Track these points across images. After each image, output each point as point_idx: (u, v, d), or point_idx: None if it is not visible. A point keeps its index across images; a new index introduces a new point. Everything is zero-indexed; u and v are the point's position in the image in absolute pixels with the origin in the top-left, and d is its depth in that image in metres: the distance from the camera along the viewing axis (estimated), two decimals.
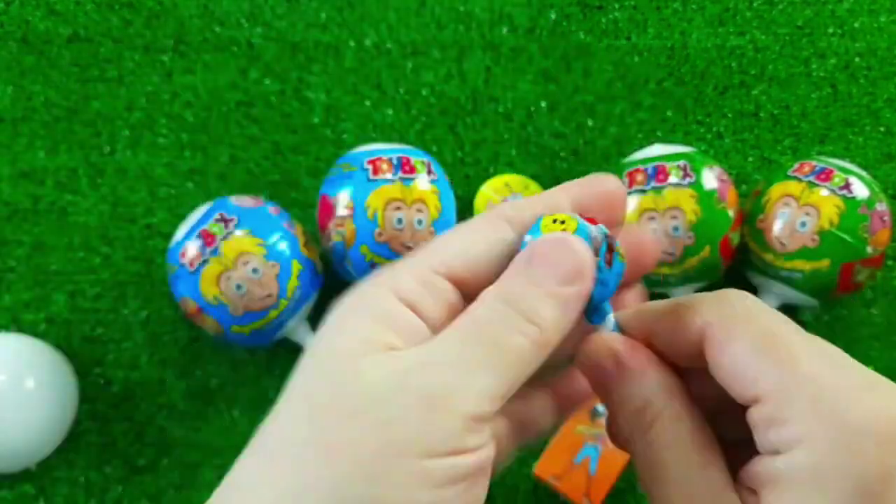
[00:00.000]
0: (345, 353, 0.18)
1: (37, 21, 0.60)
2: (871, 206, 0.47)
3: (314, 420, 0.17)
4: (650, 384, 0.20)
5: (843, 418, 0.17)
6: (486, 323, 0.19)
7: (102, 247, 0.54)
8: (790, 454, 0.17)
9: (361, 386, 0.17)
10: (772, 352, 0.18)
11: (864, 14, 0.61)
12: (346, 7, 0.61)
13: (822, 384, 0.17)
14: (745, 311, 0.19)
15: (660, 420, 0.19)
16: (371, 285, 0.20)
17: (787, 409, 0.17)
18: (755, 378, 0.18)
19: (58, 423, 0.48)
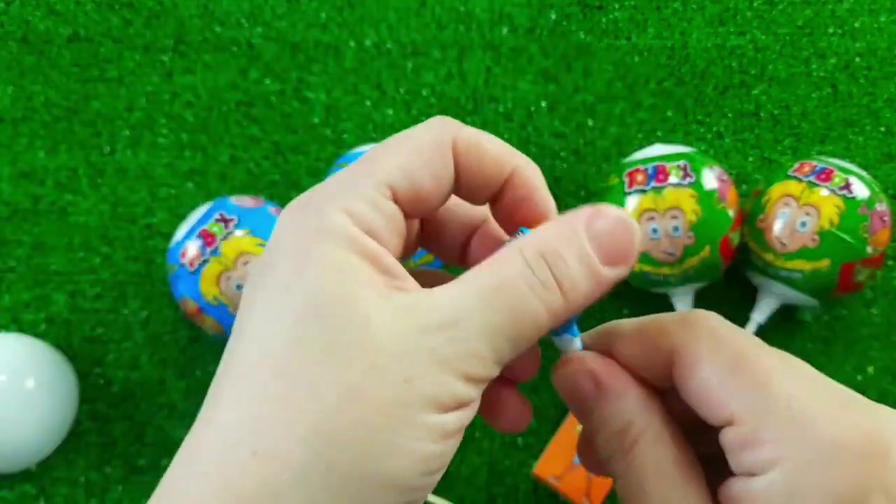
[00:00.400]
0: (348, 289, 0.17)
1: (37, 21, 0.60)
2: (871, 206, 0.47)
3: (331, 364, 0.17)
4: (631, 404, 0.20)
5: (818, 437, 0.17)
6: (513, 282, 0.18)
7: (102, 247, 0.54)
8: (765, 476, 0.17)
9: (378, 339, 0.17)
10: (742, 373, 0.18)
11: (864, 14, 0.62)
12: (346, 7, 0.61)
13: (794, 404, 0.17)
14: (712, 334, 0.19)
15: (641, 441, 0.19)
16: (322, 207, 0.19)
17: (761, 430, 0.17)
18: (726, 401, 0.18)
19: (58, 424, 0.48)
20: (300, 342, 0.17)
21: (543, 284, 0.18)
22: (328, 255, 0.18)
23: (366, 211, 0.18)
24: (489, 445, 0.50)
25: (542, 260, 0.18)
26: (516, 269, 0.18)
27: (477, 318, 0.17)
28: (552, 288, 0.18)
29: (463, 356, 0.17)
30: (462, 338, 0.17)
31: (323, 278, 0.17)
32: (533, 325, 0.18)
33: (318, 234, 0.18)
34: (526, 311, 0.18)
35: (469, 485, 0.50)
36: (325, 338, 0.17)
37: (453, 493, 0.49)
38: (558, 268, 0.18)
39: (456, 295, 0.18)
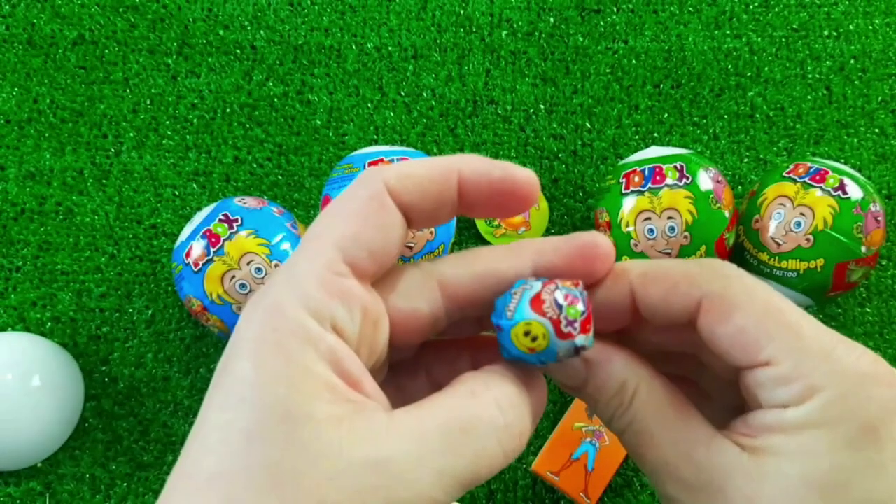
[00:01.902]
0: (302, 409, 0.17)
1: (42, 23, 0.60)
2: (865, 206, 0.47)
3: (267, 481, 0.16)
4: (620, 365, 0.21)
5: (850, 370, 0.18)
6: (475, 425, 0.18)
7: (108, 247, 0.55)
8: (802, 406, 0.18)
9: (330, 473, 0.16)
10: (775, 319, 0.19)
11: (858, 16, 0.62)
12: (347, 11, 0.62)
13: (825, 345, 0.19)
14: (743, 284, 0.20)
15: (638, 393, 0.20)
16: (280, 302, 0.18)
17: (798, 368, 0.18)
18: (764, 344, 0.19)
19: (64, 421, 0.49)
20: (249, 469, 0.16)
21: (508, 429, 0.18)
22: (285, 364, 0.17)
23: (321, 299, 0.18)
24: None
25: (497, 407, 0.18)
26: (486, 415, 0.18)
27: (435, 463, 0.17)
28: (517, 435, 0.18)
29: (412, 499, 0.17)
30: (418, 482, 0.17)
31: (278, 395, 0.17)
32: (488, 469, 0.18)
33: (276, 335, 0.17)
34: (486, 457, 0.18)
35: None
36: (275, 466, 0.16)
37: None
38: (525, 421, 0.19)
39: (418, 431, 0.17)
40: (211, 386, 0.18)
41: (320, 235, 0.19)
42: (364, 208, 0.19)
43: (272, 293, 0.18)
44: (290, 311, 0.18)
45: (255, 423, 0.17)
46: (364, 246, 0.19)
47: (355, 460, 0.16)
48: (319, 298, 0.18)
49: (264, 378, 0.17)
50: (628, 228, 0.48)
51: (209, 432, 0.17)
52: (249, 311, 0.18)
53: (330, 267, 0.18)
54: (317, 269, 0.18)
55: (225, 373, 0.18)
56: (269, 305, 0.18)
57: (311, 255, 0.19)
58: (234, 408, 0.17)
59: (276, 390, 0.17)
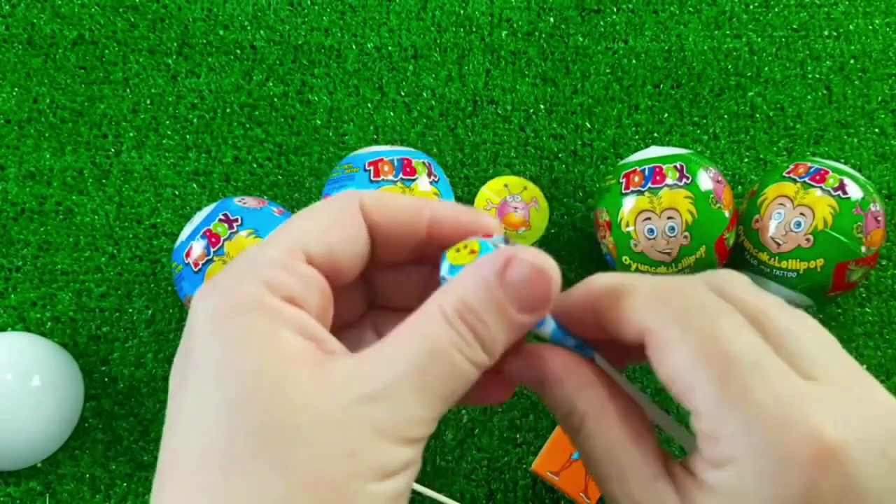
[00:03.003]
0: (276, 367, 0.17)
1: (42, 23, 0.60)
2: (865, 206, 0.47)
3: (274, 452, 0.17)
4: (570, 389, 0.21)
5: (773, 443, 0.17)
6: (442, 346, 0.18)
7: (108, 246, 0.55)
8: (721, 471, 0.18)
9: (317, 417, 0.17)
10: (708, 363, 0.18)
11: (858, 16, 0.62)
12: (347, 11, 0.62)
13: (756, 401, 0.17)
14: (683, 316, 0.19)
15: (587, 421, 0.20)
16: (235, 282, 0.19)
17: (721, 428, 0.17)
18: (692, 392, 0.18)
19: (64, 421, 0.49)
20: (239, 436, 0.17)
21: (468, 344, 0.18)
22: (250, 332, 0.18)
23: (280, 277, 0.18)
24: (488, 441, 0.51)
25: (462, 319, 0.18)
26: (444, 334, 0.18)
27: (412, 385, 0.18)
28: (476, 346, 0.19)
29: (402, 422, 0.18)
30: (400, 405, 0.18)
31: (248, 361, 0.17)
32: (463, 381, 0.19)
33: (237, 310, 0.18)
34: (456, 370, 0.18)
35: (468, 480, 0.50)
36: (264, 427, 0.17)
37: (453, 489, 0.50)
38: (477, 328, 0.19)
39: (389, 362, 0.18)
40: (177, 368, 0.19)
41: (285, 231, 0.20)
42: (333, 214, 0.20)
43: (226, 276, 0.19)
44: (248, 287, 0.18)
45: (234, 395, 0.17)
46: (325, 245, 0.20)
47: (340, 400, 0.17)
48: (277, 276, 0.19)
49: (232, 350, 0.17)
50: (628, 228, 0.48)
51: (190, 414, 0.18)
52: (206, 292, 0.19)
53: (287, 253, 0.19)
54: (275, 253, 0.19)
55: (190, 353, 0.18)
56: (227, 284, 0.19)
57: (272, 244, 0.20)
58: (209, 385, 0.17)
59: (247, 359, 0.17)
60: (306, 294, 0.19)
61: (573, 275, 0.55)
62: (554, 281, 0.19)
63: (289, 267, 0.19)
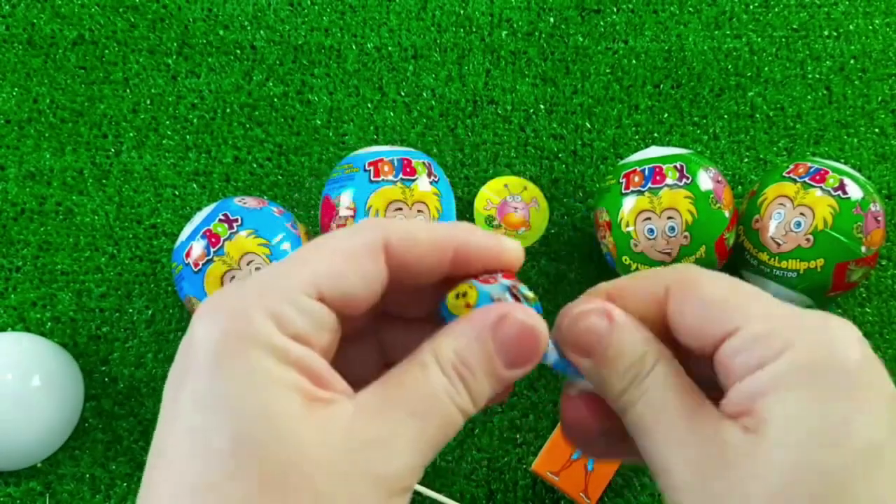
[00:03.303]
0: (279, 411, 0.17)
1: (42, 23, 0.60)
2: (865, 206, 0.47)
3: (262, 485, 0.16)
4: (646, 335, 0.21)
5: (820, 324, 0.19)
6: (439, 395, 0.19)
7: (108, 247, 0.55)
8: (779, 360, 0.18)
9: (315, 462, 0.17)
10: (740, 293, 0.20)
11: (858, 16, 0.62)
12: (347, 11, 0.62)
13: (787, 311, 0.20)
14: (701, 272, 0.21)
15: (659, 365, 0.21)
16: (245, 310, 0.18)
17: (769, 325, 0.19)
18: (731, 310, 0.20)
19: (64, 421, 0.49)
20: (238, 476, 0.16)
21: (459, 393, 0.19)
22: (253, 367, 0.17)
23: (290, 314, 0.18)
24: (488, 441, 0.51)
25: (457, 373, 0.19)
26: (440, 383, 0.19)
27: (410, 435, 0.18)
28: (465, 396, 0.20)
29: (399, 471, 0.18)
30: (397, 454, 0.18)
31: (249, 397, 0.17)
32: (453, 429, 0.19)
33: (242, 341, 0.18)
34: (450, 421, 0.19)
35: (468, 480, 0.50)
36: (264, 470, 0.17)
37: (453, 489, 0.50)
38: (468, 379, 0.20)
39: (388, 411, 0.18)
40: (173, 384, 0.18)
41: (302, 260, 0.20)
42: (355, 253, 0.20)
43: (237, 300, 0.19)
44: (257, 318, 0.18)
45: (236, 434, 0.17)
46: (341, 288, 0.19)
47: (342, 449, 0.17)
48: (287, 311, 0.18)
49: (236, 388, 0.17)
50: (628, 228, 0.48)
51: (185, 443, 0.17)
52: (211, 314, 0.18)
53: (301, 289, 0.19)
54: (287, 286, 0.19)
55: (187, 373, 0.18)
56: (235, 309, 0.18)
57: (286, 274, 0.19)
58: (209, 418, 0.17)
59: (251, 400, 0.17)
60: (314, 332, 0.19)
61: (573, 275, 0.55)
62: (542, 340, 0.20)
63: (300, 303, 0.19)
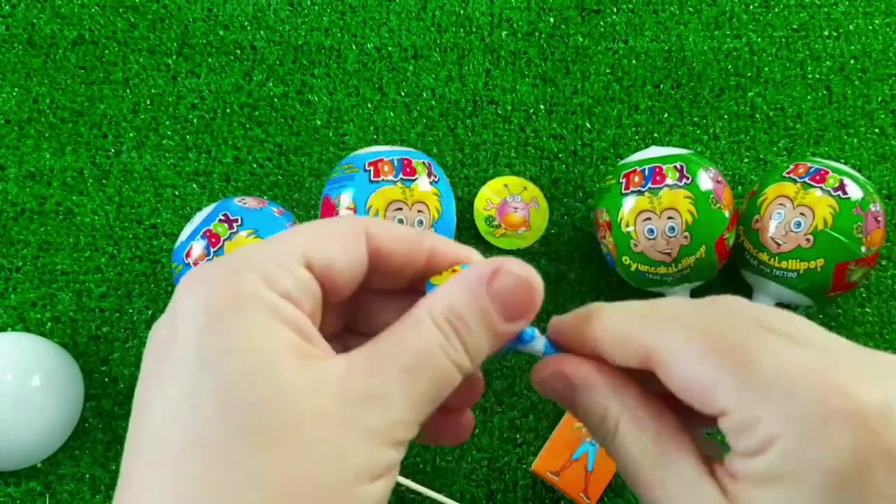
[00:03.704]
0: (266, 364, 0.17)
1: (42, 23, 0.60)
2: (865, 206, 0.47)
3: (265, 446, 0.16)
4: (602, 393, 0.20)
5: (810, 411, 0.16)
6: (431, 348, 0.19)
7: (108, 247, 0.55)
8: (765, 456, 0.17)
9: (309, 414, 0.17)
10: (720, 360, 0.18)
11: (858, 17, 0.62)
12: (347, 11, 0.62)
13: (783, 377, 0.17)
14: (680, 326, 0.19)
15: (621, 425, 0.20)
16: (235, 271, 0.18)
17: (753, 411, 0.17)
18: (713, 394, 0.18)
19: (64, 421, 0.49)
20: (229, 425, 0.16)
21: (454, 348, 0.19)
22: (245, 322, 0.17)
23: (280, 275, 0.18)
24: (488, 441, 0.51)
25: (451, 327, 0.19)
26: (433, 336, 0.19)
27: (402, 389, 0.18)
28: (461, 350, 0.19)
29: (391, 423, 0.18)
30: (390, 406, 0.18)
31: (243, 351, 0.17)
32: (449, 385, 0.19)
33: (234, 301, 0.18)
34: (442, 373, 0.19)
35: (468, 480, 0.50)
36: (258, 424, 0.16)
37: (453, 489, 0.50)
38: (463, 333, 0.19)
39: (379, 364, 0.18)
40: (156, 353, 0.18)
41: (287, 234, 0.20)
42: (338, 230, 0.20)
43: (226, 264, 0.19)
44: (246, 278, 0.18)
45: (229, 389, 0.17)
46: (326, 257, 0.20)
47: (334, 402, 0.17)
48: (275, 272, 0.18)
49: (228, 343, 0.17)
50: (628, 228, 0.48)
51: (175, 401, 0.17)
52: (196, 279, 0.18)
53: (290, 254, 0.19)
54: (275, 251, 0.19)
55: (175, 348, 0.18)
56: (221, 273, 0.18)
57: (273, 243, 0.20)
58: (201, 376, 0.17)
59: (244, 354, 0.17)
60: (301, 296, 0.19)
61: (573, 275, 0.55)
62: (538, 291, 0.20)
63: (288, 266, 0.19)
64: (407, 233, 0.21)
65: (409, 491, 0.49)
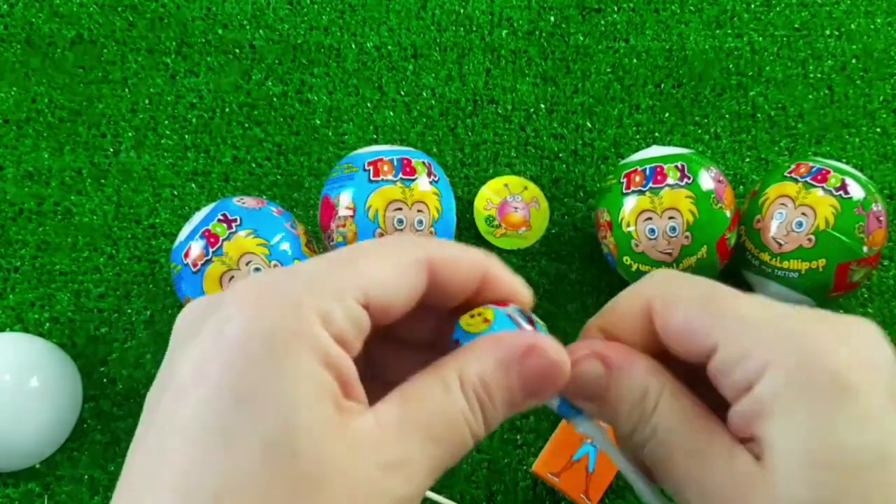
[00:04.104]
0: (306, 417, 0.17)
1: (41, 23, 0.60)
2: (866, 206, 0.47)
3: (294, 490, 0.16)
4: (643, 371, 0.21)
5: (797, 332, 0.18)
6: (457, 418, 0.19)
7: (107, 247, 0.55)
8: (762, 382, 0.18)
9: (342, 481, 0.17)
10: (714, 303, 0.20)
11: (860, 16, 0.62)
12: (347, 10, 0.62)
13: (765, 317, 0.19)
14: (676, 279, 0.21)
15: (662, 399, 0.20)
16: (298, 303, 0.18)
17: (746, 342, 0.19)
18: (708, 327, 0.19)
19: (62, 422, 0.49)
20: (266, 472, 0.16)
21: (477, 422, 0.19)
22: (292, 364, 0.17)
23: (337, 314, 0.18)
24: (488, 443, 0.51)
25: (478, 399, 0.19)
26: (459, 406, 0.19)
27: (425, 457, 0.18)
28: (481, 422, 0.19)
29: (415, 492, 0.18)
30: (415, 475, 0.18)
31: (287, 399, 0.16)
32: (463, 454, 0.19)
33: (288, 334, 0.17)
34: (461, 444, 0.19)
35: (469, 482, 0.50)
36: (290, 478, 0.16)
37: (454, 491, 0.50)
38: (486, 406, 0.19)
39: (406, 428, 0.18)
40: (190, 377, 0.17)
41: (355, 263, 0.19)
42: (405, 264, 0.20)
43: (285, 290, 0.18)
44: (307, 315, 0.17)
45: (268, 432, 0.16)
46: (387, 298, 0.19)
47: (367, 467, 0.17)
48: (335, 312, 0.18)
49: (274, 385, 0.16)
50: (629, 228, 0.48)
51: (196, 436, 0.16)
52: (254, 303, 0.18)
53: (353, 294, 0.18)
54: (341, 287, 0.18)
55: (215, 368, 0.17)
56: (282, 303, 0.17)
57: (341, 275, 0.19)
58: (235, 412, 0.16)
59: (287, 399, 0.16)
60: (352, 339, 0.18)
61: (574, 275, 0.55)
62: (566, 375, 0.20)
63: (347, 302, 0.18)
64: (470, 264, 0.21)
65: None
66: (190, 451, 0.16)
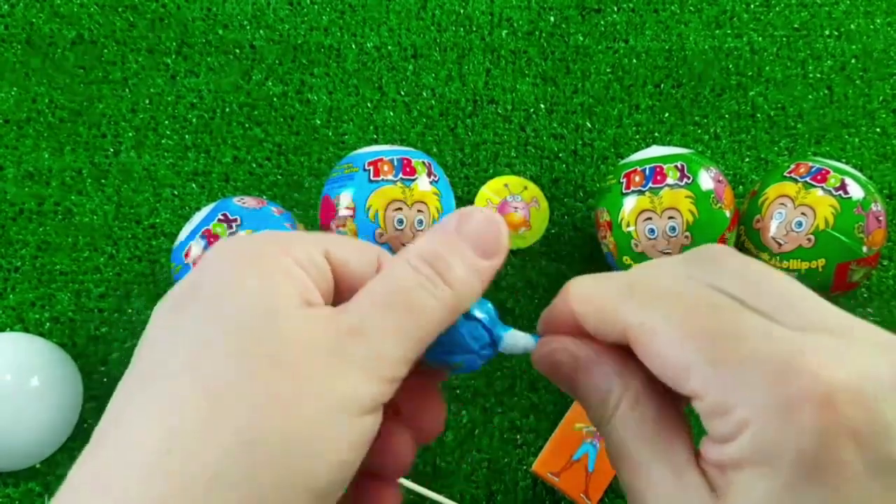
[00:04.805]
0: (273, 306, 0.19)
1: (41, 23, 0.60)
2: (866, 206, 0.47)
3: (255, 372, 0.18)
4: (607, 372, 0.21)
5: (779, 396, 0.16)
6: (406, 285, 0.20)
7: (107, 247, 0.55)
8: (736, 441, 0.17)
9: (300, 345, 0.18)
10: (699, 344, 0.18)
11: (859, 16, 0.62)
12: (347, 10, 0.62)
13: (756, 363, 0.17)
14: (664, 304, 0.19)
15: (622, 405, 0.20)
16: (263, 244, 0.20)
17: (727, 398, 0.17)
18: (687, 377, 0.18)
19: (63, 422, 0.49)
20: (228, 356, 0.18)
21: (431, 281, 0.20)
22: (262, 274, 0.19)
23: (300, 252, 0.20)
24: (489, 442, 0.51)
25: (425, 262, 0.20)
26: (408, 275, 0.20)
27: (381, 322, 0.19)
28: (440, 283, 0.20)
29: (375, 357, 0.19)
30: (372, 340, 0.19)
31: (253, 296, 0.19)
32: (431, 319, 0.20)
33: (255, 259, 0.19)
34: (422, 307, 0.20)
35: (469, 481, 0.50)
36: (250, 349, 0.18)
37: (453, 490, 0.50)
38: (441, 267, 0.20)
39: (359, 304, 0.20)
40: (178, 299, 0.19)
41: (315, 233, 0.22)
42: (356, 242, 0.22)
43: (249, 238, 0.20)
44: (267, 247, 0.20)
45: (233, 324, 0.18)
46: (344, 255, 0.21)
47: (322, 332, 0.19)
48: (299, 255, 0.20)
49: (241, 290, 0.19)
50: (629, 228, 0.48)
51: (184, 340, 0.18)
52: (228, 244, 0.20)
53: (314, 244, 0.21)
54: (301, 239, 0.21)
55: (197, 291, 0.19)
56: (249, 245, 0.20)
57: (299, 234, 0.22)
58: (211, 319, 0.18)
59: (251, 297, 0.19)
60: (315, 272, 0.20)
61: (574, 275, 0.55)
62: (503, 223, 0.22)
63: (308, 250, 0.20)
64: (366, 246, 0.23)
65: (409, 492, 0.49)
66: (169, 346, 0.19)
